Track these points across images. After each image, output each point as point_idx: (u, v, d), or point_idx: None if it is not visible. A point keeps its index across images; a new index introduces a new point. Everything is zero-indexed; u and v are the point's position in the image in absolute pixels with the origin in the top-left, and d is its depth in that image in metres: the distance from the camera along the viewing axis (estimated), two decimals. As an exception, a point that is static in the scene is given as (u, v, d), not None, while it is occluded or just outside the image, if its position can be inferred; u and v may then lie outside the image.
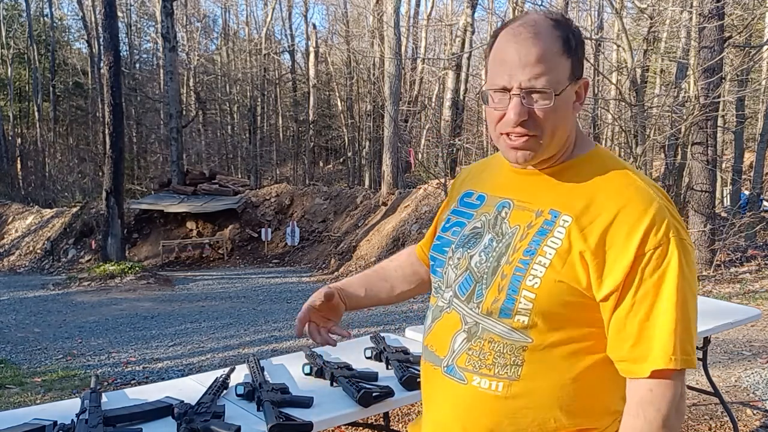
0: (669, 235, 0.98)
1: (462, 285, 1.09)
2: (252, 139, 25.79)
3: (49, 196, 25.41)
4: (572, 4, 20.02)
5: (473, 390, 1.05)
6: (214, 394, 1.78)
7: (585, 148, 1.10)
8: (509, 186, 1.12)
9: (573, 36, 1.03)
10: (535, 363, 1.02)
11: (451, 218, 1.19)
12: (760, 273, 8.21)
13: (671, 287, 0.96)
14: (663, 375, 0.97)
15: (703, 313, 3.30)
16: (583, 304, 1.01)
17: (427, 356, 1.15)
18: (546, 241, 1.02)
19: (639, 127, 9.39)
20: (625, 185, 1.03)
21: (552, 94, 1.00)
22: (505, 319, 1.02)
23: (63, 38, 33.27)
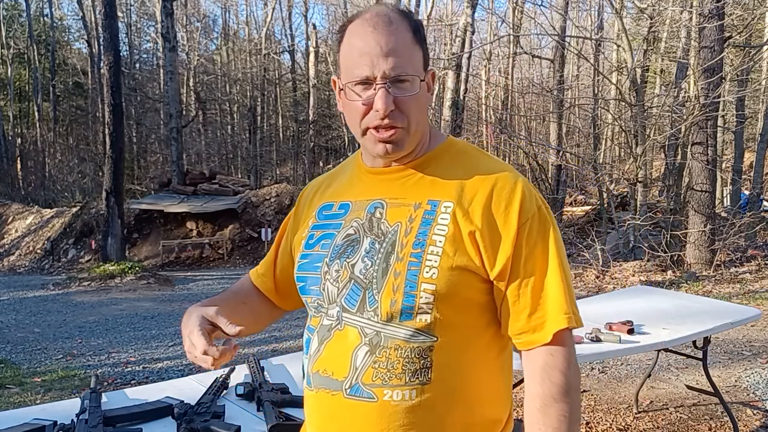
0: (537, 204, 1.02)
1: (349, 297, 1.02)
2: (252, 139, 25.79)
3: (49, 196, 25.41)
4: (572, 4, 20.02)
5: (385, 405, 0.99)
6: (214, 394, 1.78)
7: (439, 139, 1.11)
8: (374, 188, 1.09)
9: (420, 27, 1.04)
10: (444, 361, 0.99)
11: (315, 233, 1.12)
12: (760, 273, 8.21)
13: (553, 252, 1.01)
14: (560, 337, 0.99)
15: (703, 313, 3.31)
16: (482, 289, 1.01)
17: (320, 383, 1.04)
18: (433, 230, 1.00)
19: (639, 127, 9.40)
20: (488, 166, 1.06)
21: (417, 80, 1.01)
22: (408, 321, 0.98)
23: (63, 38, 33.26)
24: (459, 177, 1.04)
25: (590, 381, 4.26)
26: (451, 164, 1.07)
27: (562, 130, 17.56)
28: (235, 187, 17.30)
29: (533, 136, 21.75)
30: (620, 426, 3.42)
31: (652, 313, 2.95)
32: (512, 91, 23.13)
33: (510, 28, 17.81)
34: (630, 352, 2.73)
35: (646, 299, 3.37)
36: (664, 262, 8.70)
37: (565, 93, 18.36)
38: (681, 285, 7.83)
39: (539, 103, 24.44)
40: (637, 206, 9.63)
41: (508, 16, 19.93)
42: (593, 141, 16.66)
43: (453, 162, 1.07)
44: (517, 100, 24.97)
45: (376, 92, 0.99)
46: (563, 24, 15.63)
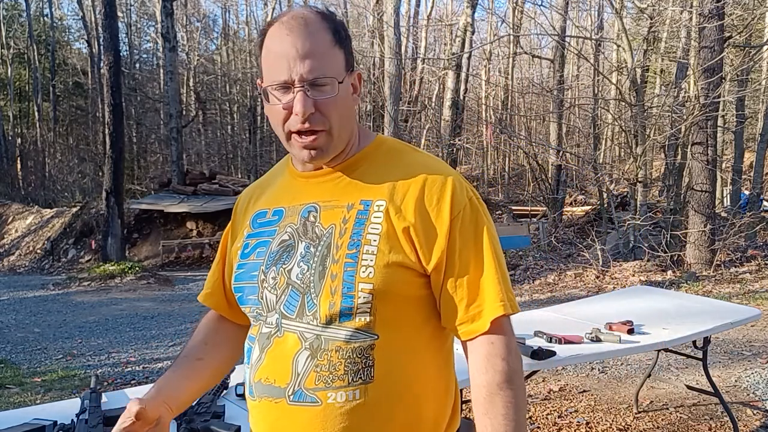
0: (467, 195, 1.04)
1: (287, 303, 1.02)
2: (252, 139, 25.79)
3: (49, 196, 25.41)
4: (572, 4, 20.02)
5: (330, 409, 0.98)
6: (214, 394, 1.78)
7: (369, 138, 1.10)
8: (306, 192, 1.08)
9: (341, 28, 1.02)
10: (385, 358, 0.99)
11: (250, 242, 1.11)
12: (760, 273, 8.21)
13: (486, 242, 1.02)
14: (498, 325, 1.00)
15: (703, 313, 3.31)
16: (418, 284, 1.01)
17: (263, 392, 1.03)
18: (367, 229, 1.00)
19: (639, 127, 9.40)
20: (418, 162, 1.06)
21: (336, 82, 1.00)
22: (347, 321, 0.98)
23: (63, 38, 33.27)
24: (390, 175, 1.04)
25: (590, 381, 4.26)
26: (382, 163, 1.07)
27: (562, 130, 17.56)
28: (235, 187, 17.29)
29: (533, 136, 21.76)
30: (620, 426, 3.42)
31: (652, 313, 2.95)
32: (512, 91, 23.14)
33: (510, 28, 17.81)
34: (630, 352, 2.73)
35: (646, 299, 3.37)
36: (664, 262, 8.71)
37: (565, 93, 18.36)
38: (681, 285, 7.83)
39: (539, 103, 24.45)
40: (637, 206, 9.63)
41: (508, 16, 19.94)
42: (593, 141, 16.65)
43: (384, 161, 1.07)
44: (517, 100, 24.98)
45: (294, 96, 0.98)
46: (563, 24, 15.63)
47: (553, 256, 10.86)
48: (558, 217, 15.10)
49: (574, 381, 4.25)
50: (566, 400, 3.87)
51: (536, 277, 9.25)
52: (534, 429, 3.44)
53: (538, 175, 16.30)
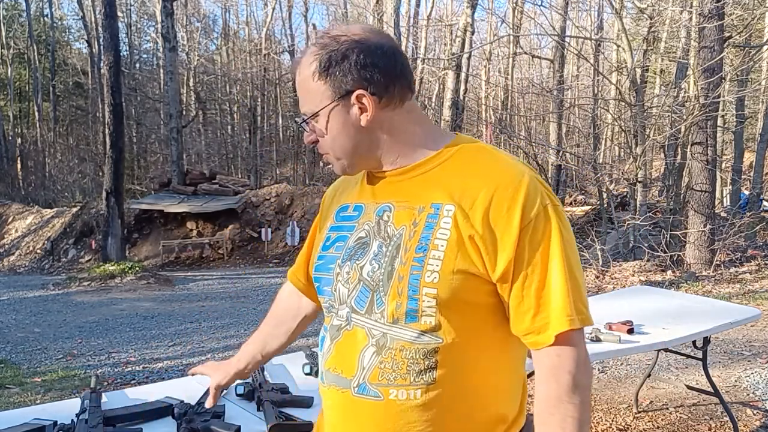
0: (544, 204, 1.00)
1: (358, 298, 1.06)
2: (252, 139, 25.78)
3: (49, 196, 25.41)
4: (572, 4, 20.03)
5: (391, 405, 1.02)
6: (214, 394, 1.78)
7: (441, 141, 1.10)
8: (384, 191, 1.11)
9: (329, 56, 1.03)
10: (449, 363, 1.01)
11: (331, 235, 1.16)
12: (760, 273, 8.21)
13: (557, 252, 0.99)
14: (566, 338, 0.99)
15: (703, 313, 3.30)
16: (484, 291, 1.01)
17: (332, 380, 1.09)
18: (435, 234, 1.01)
19: (639, 127, 9.40)
20: (493, 164, 1.04)
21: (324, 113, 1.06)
22: (413, 323, 1.01)
23: (63, 38, 33.27)
24: (463, 178, 1.04)
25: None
26: (457, 165, 1.06)
27: (562, 130, 17.56)
28: (235, 187, 17.30)
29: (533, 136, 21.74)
30: (620, 426, 3.42)
31: (652, 313, 2.95)
32: (512, 91, 23.13)
33: (510, 28, 17.81)
34: (630, 352, 2.73)
35: (646, 299, 3.37)
36: (664, 262, 8.70)
37: (565, 93, 18.36)
38: (681, 285, 7.83)
39: (539, 103, 24.44)
40: (636, 206, 9.63)
41: (508, 16, 19.94)
42: (593, 141, 16.65)
43: (459, 162, 1.07)
44: (517, 100, 24.97)
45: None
46: (563, 24, 15.63)
47: (553, 256, 10.84)
48: (558, 217, 15.07)
49: (574, 381, 4.24)
50: (566, 400, 3.86)
51: (536, 277, 9.24)
52: (534, 429, 3.44)
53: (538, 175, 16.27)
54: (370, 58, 1.04)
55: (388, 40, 1.08)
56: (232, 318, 7.88)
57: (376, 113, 1.05)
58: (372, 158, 1.10)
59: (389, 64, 1.05)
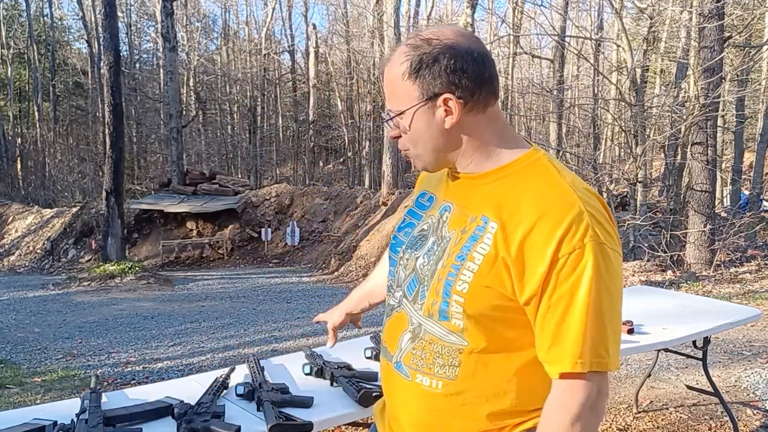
0: (584, 240, 0.98)
1: (410, 286, 1.15)
2: (252, 139, 25.78)
3: (49, 196, 25.41)
4: (572, 4, 20.03)
5: (416, 387, 1.13)
6: (214, 394, 1.78)
7: (514, 153, 1.11)
8: (452, 190, 1.17)
9: (421, 58, 1.06)
10: (471, 364, 1.08)
11: (406, 218, 1.25)
12: (760, 273, 8.21)
13: (584, 291, 0.98)
14: (574, 377, 1.00)
15: (703, 313, 3.30)
16: (511, 308, 1.05)
17: (383, 351, 1.24)
18: (476, 247, 1.05)
19: (639, 127, 9.39)
20: (549, 190, 1.04)
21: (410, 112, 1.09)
22: (444, 321, 1.08)
23: (63, 38, 33.28)
24: (517, 197, 1.05)
25: (590, 381, 4.26)
26: (517, 180, 1.08)
27: (562, 130, 17.56)
28: (235, 187, 17.30)
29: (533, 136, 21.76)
30: (620, 426, 3.42)
31: (652, 313, 2.95)
32: (512, 91, 23.13)
33: (510, 28, 17.80)
34: (630, 352, 2.72)
35: (646, 299, 3.36)
36: (664, 262, 8.71)
37: (565, 93, 18.36)
38: (681, 285, 7.83)
39: (539, 103, 24.45)
40: (637, 206, 9.63)
41: (508, 16, 19.93)
42: (593, 141, 16.66)
43: (520, 178, 1.08)
44: (517, 100, 24.97)
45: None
46: (563, 24, 15.63)
47: (553, 256, 10.85)
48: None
49: (574, 381, 4.24)
50: (566, 400, 3.86)
51: (536, 277, 9.24)
52: (534, 429, 3.44)
53: (538, 175, 16.29)
54: (460, 63, 1.06)
55: (478, 46, 1.09)
56: (232, 318, 7.88)
57: (460, 117, 1.08)
58: (449, 160, 1.14)
59: (478, 70, 1.07)
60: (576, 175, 1.10)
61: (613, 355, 1.01)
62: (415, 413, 1.16)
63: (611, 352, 1.01)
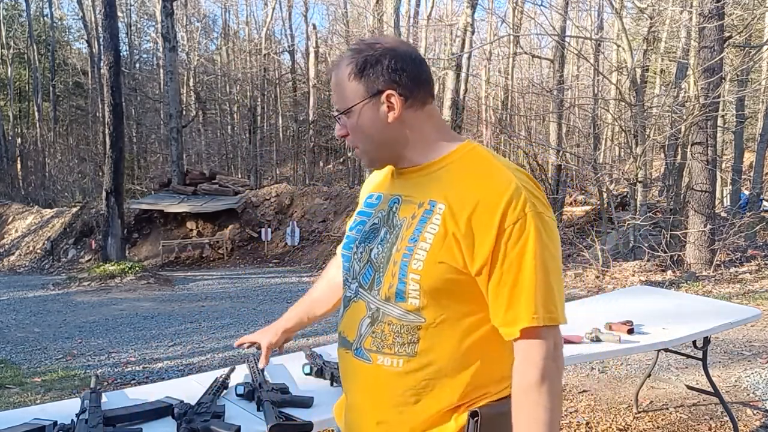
0: (525, 210, 1.10)
1: (365, 275, 1.23)
2: (252, 139, 25.77)
3: (49, 196, 25.40)
4: (572, 4, 20.02)
5: (378, 368, 1.19)
6: (214, 394, 1.78)
7: (451, 145, 1.23)
8: (398, 185, 1.27)
9: (365, 60, 1.18)
10: (430, 339, 1.16)
11: (357, 218, 1.34)
12: (760, 273, 8.21)
13: (531, 255, 1.09)
14: (533, 333, 1.10)
15: (703, 313, 3.30)
16: (464, 281, 1.14)
17: (341, 342, 1.28)
18: (427, 228, 1.15)
19: (639, 127, 9.40)
20: (487, 171, 1.17)
21: (357, 109, 1.20)
22: (401, 302, 1.16)
23: (63, 38, 33.26)
24: (460, 181, 1.17)
25: (590, 381, 4.26)
26: (458, 168, 1.19)
27: (562, 130, 17.55)
28: (235, 187, 17.29)
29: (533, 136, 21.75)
30: (620, 426, 3.43)
31: (652, 313, 2.95)
32: (512, 91, 23.12)
33: (510, 28, 17.80)
34: (630, 352, 2.73)
35: (646, 299, 3.37)
36: (664, 262, 8.70)
37: (565, 93, 18.36)
38: (681, 285, 7.83)
39: (539, 103, 24.44)
40: (637, 206, 9.63)
41: (508, 16, 19.92)
42: (593, 141, 16.65)
43: (461, 166, 1.19)
44: (517, 100, 24.96)
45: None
46: (563, 24, 15.62)
47: (553, 256, 10.83)
48: (558, 217, 15.10)
49: (574, 381, 4.25)
50: (566, 400, 3.86)
51: (536, 277, 9.23)
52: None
53: (538, 175, 16.27)
54: (400, 64, 1.18)
55: (414, 51, 1.23)
56: (232, 318, 7.88)
57: (401, 112, 1.19)
58: (394, 154, 1.24)
59: (416, 70, 1.20)
60: (507, 160, 1.23)
61: (561, 310, 1.12)
62: (378, 396, 1.20)
63: (559, 308, 1.12)
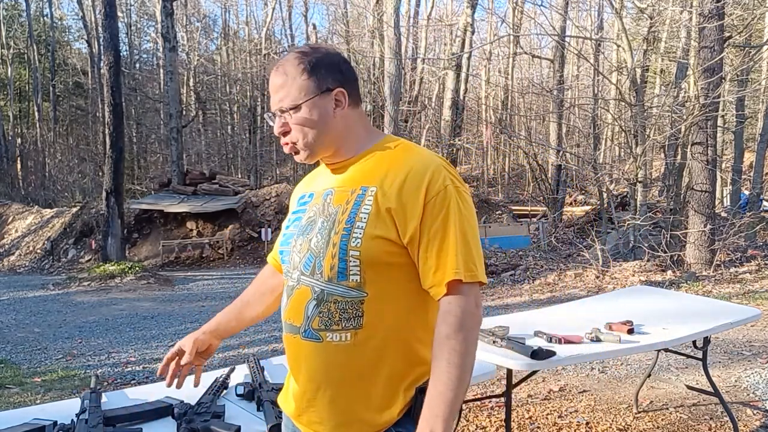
0: (444, 184, 1.25)
1: (306, 263, 1.31)
2: (252, 139, 25.78)
3: (49, 196, 25.40)
4: (572, 4, 20.03)
5: (328, 345, 1.27)
6: (214, 394, 1.79)
7: (375, 139, 1.37)
8: (328, 179, 1.39)
9: (315, 60, 1.31)
10: (373, 311, 1.25)
11: (292, 217, 1.43)
12: (760, 273, 8.21)
13: (452, 222, 1.24)
14: (455, 288, 1.22)
15: (703, 313, 3.30)
16: (398, 252, 1.25)
17: (288, 329, 1.34)
18: (361, 209, 1.26)
19: (639, 127, 9.40)
20: (410, 156, 1.31)
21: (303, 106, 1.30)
22: (343, 281, 1.25)
23: (63, 38, 33.26)
24: (386, 166, 1.30)
25: (590, 381, 4.26)
26: (384, 157, 1.33)
27: (562, 130, 17.56)
28: (235, 187, 17.30)
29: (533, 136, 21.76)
30: (620, 426, 3.43)
31: (652, 313, 2.95)
32: (512, 91, 23.14)
33: (510, 28, 17.80)
34: (630, 352, 2.73)
35: (646, 299, 3.37)
36: (664, 262, 8.70)
37: (565, 93, 18.36)
38: (681, 285, 7.83)
39: (539, 103, 24.45)
40: (637, 206, 9.63)
41: (508, 16, 19.94)
42: (593, 141, 16.66)
43: (386, 155, 1.33)
44: (517, 100, 24.98)
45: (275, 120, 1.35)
46: (563, 24, 15.63)
47: (553, 256, 10.86)
48: (558, 217, 15.10)
49: (574, 381, 4.25)
50: (566, 400, 3.87)
51: (536, 277, 9.25)
52: (534, 429, 3.44)
53: (538, 175, 16.29)
54: (345, 66, 1.34)
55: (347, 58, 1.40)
56: (232, 318, 7.86)
57: (346, 109, 1.33)
58: (332, 147, 1.35)
59: (353, 73, 1.36)
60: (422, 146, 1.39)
61: (480, 270, 1.26)
62: (330, 374, 1.28)
63: (479, 268, 1.25)
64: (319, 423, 1.32)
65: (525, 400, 3.88)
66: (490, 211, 19.23)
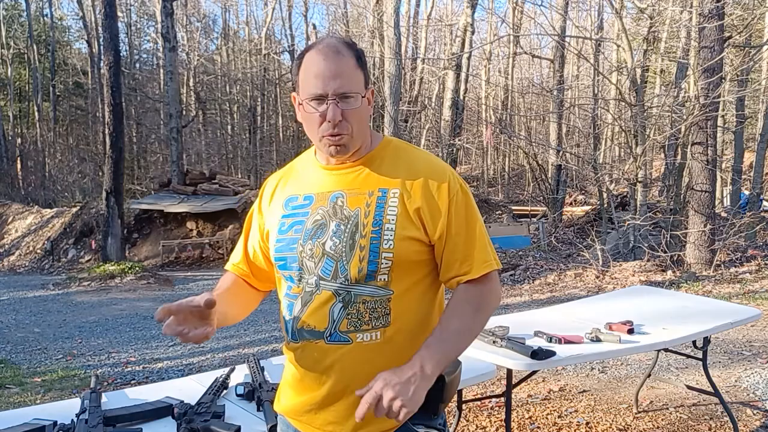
0: (459, 184, 1.35)
1: (324, 268, 1.30)
2: (252, 139, 25.78)
3: (49, 196, 25.39)
4: (572, 4, 20.03)
5: (358, 345, 1.29)
6: (214, 394, 1.79)
7: (378, 139, 1.40)
8: (333, 182, 1.36)
9: (362, 54, 1.33)
10: (399, 307, 1.30)
11: (286, 221, 1.37)
12: (760, 273, 8.21)
13: (473, 217, 1.35)
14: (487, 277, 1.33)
15: (703, 313, 3.30)
16: (424, 251, 1.32)
17: (308, 335, 1.32)
18: (386, 211, 1.29)
19: (639, 127, 9.40)
20: (419, 158, 1.37)
21: (359, 96, 1.29)
22: (371, 281, 1.28)
23: (63, 38, 33.25)
24: (399, 169, 1.34)
25: (590, 381, 4.26)
26: (391, 159, 1.36)
27: (562, 130, 17.56)
28: (235, 187, 17.28)
29: (533, 136, 21.75)
30: (620, 426, 3.43)
31: (652, 313, 2.95)
32: (512, 91, 23.14)
33: (510, 28, 17.80)
34: (630, 352, 2.73)
35: (646, 299, 3.37)
36: (664, 262, 8.70)
37: (565, 93, 18.36)
38: (681, 285, 7.83)
39: (539, 103, 24.45)
40: (637, 206, 9.63)
41: (508, 16, 19.94)
42: (593, 141, 16.65)
43: (392, 157, 1.37)
44: (517, 100, 24.98)
45: (328, 106, 1.27)
46: (563, 24, 15.63)
47: (553, 256, 10.86)
48: (558, 217, 15.10)
49: (574, 381, 4.25)
50: (566, 400, 3.87)
51: (536, 277, 9.25)
52: (534, 429, 3.44)
53: (538, 175, 16.29)
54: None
55: None
56: (232, 318, 7.86)
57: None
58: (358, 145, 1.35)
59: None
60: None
61: (496, 258, 1.36)
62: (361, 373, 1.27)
63: (495, 257, 1.36)
64: (337, 423, 1.32)
65: (525, 400, 3.88)
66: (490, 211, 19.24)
